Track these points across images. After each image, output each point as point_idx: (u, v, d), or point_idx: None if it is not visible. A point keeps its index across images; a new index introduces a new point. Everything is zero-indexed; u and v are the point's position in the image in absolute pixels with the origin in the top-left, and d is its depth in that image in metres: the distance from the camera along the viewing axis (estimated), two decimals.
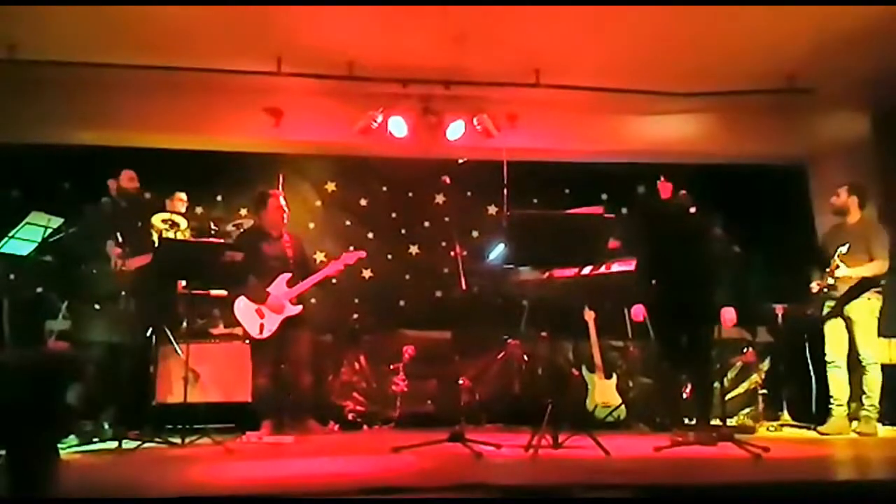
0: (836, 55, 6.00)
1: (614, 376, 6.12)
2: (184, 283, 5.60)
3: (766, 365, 6.31)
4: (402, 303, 7.46)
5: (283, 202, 5.61)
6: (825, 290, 5.55)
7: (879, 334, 5.57)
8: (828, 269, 5.48)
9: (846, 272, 5.40)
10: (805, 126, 7.15)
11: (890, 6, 5.31)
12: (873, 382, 5.40)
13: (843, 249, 5.36)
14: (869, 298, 5.47)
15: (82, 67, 6.11)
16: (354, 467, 4.03)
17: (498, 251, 6.84)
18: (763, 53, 6.10)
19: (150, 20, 5.57)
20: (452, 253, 5.16)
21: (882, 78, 6.14)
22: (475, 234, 7.53)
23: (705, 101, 6.92)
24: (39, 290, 5.62)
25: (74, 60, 6.04)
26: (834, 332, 5.59)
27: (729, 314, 4.92)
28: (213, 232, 6.15)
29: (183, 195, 6.17)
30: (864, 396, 5.43)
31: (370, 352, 6.47)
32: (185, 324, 5.72)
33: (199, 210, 7.05)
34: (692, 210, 4.91)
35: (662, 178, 5.23)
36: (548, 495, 3.01)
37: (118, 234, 5.27)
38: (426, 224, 7.59)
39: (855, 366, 5.50)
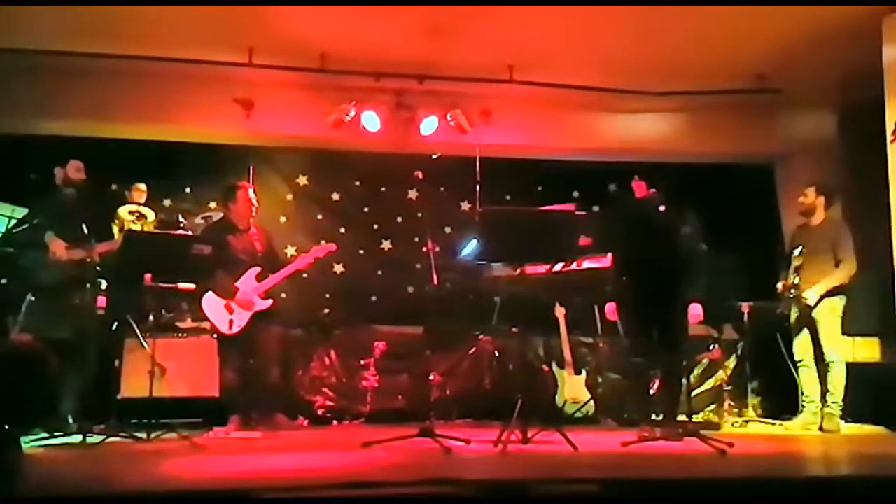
0: (804, 55, 6.09)
1: (584, 372, 6.17)
2: (150, 276, 5.52)
3: (731, 362, 6.40)
4: (373, 298, 7.43)
5: (252, 195, 5.55)
6: (791, 290, 5.63)
7: (843, 332, 5.68)
8: (782, 283, 5.58)
9: (817, 292, 5.44)
10: (774, 126, 7.25)
11: (855, 6, 5.40)
12: (837, 380, 5.47)
13: (796, 252, 5.44)
14: (831, 297, 5.55)
15: (48, 56, 5.99)
16: (323, 462, 4.01)
17: (470, 247, 6.85)
18: (733, 54, 6.17)
19: (117, 8, 5.46)
20: (425, 248, 5.16)
21: (849, 78, 6.24)
22: (448, 229, 7.50)
23: (676, 101, 7.00)
24: (3, 281, 5.50)
25: (40, 49, 5.92)
26: (801, 332, 5.65)
27: (695, 310, 4.96)
28: (181, 225, 6.06)
29: (142, 185, 6.08)
30: (828, 394, 5.50)
31: (341, 347, 6.44)
32: (151, 317, 5.63)
33: (167, 202, 6.96)
34: (661, 208, 4.95)
35: (637, 178, 5.27)
36: (516, 490, 3.02)
37: (66, 225, 5.15)
38: (399, 219, 7.57)
39: (819, 363, 5.58)
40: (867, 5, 5.32)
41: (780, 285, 5.71)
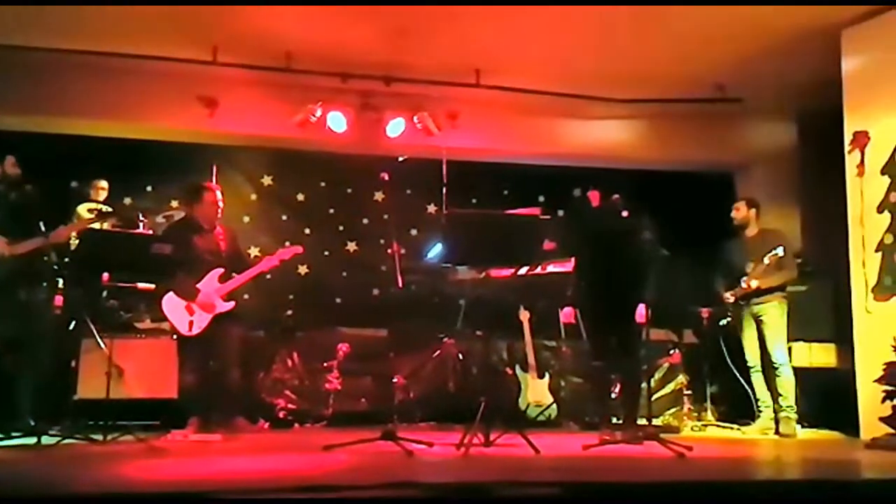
0: (764, 66, 6.22)
1: (547, 376, 6.20)
2: (109, 275, 5.41)
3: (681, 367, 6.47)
4: (338, 300, 7.39)
5: (219, 196, 5.46)
6: (741, 300, 5.73)
7: (796, 337, 5.80)
8: (744, 280, 5.66)
9: (756, 283, 5.59)
10: (734, 135, 7.39)
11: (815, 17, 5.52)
12: (787, 384, 5.58)
13: (766, 259, 5.49)
14: (777, 302, 5.66)
15: (8, 50, 5.82)
16: (283, 466, 3.97)
17: (436, 250, 6.85)
18: (695, 63, 6.27)
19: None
20: (390, 251, 5.14)
21: (808, 89, 6.38)
22: (414, 232, 7.52)
23: (640, 108, 7.08)
24: None
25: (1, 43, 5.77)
26: (750, 338, 5.76)
27: (640, 309, 4.98)
28: (141, 223, 5.96)
29: (104, 183, 5.95)
30: (780, 398, 5.60)
31: (304, 349, 6.38)
32: (109, 317, 5.52)
33: (128, 200, 6.83)
34: (624, 214, 5.00)
35: (592, 188, 5.33)
36: (478, 493, 3.02)
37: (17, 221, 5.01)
38: (365, 221, 7.54)
39: (768, 368, 5.69)
40: (832, 5, 5.42)
41: (728, 295, 5.78)
